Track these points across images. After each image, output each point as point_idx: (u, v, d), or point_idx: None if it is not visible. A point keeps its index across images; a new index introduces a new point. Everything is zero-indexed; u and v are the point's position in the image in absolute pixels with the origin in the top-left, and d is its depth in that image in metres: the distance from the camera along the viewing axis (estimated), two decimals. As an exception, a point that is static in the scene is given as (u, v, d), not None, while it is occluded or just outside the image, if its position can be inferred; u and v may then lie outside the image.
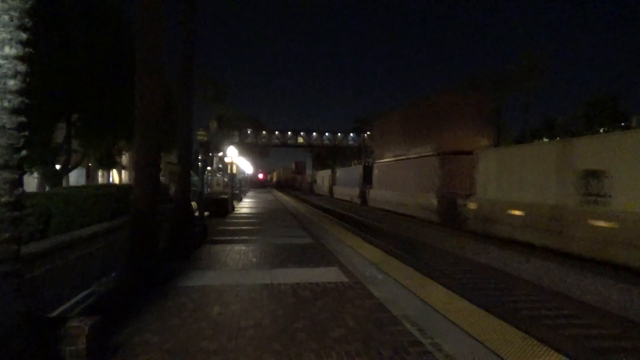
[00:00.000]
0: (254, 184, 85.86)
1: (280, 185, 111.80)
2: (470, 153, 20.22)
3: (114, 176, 32.07)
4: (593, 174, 12.40)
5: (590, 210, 12.32)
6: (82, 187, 13.48)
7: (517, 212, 15.38)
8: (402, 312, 5.70)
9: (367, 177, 37.04)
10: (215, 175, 52.54)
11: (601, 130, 35.17)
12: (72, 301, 7.72)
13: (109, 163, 17.76)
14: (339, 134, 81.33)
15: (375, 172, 34.75)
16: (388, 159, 32.28)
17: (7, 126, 3.25)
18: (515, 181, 15.88)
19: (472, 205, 18.65)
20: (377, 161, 34.95)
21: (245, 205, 29.02)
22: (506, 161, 16.88)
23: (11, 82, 3.27)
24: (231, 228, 15.72)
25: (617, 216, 11.35)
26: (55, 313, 6.95)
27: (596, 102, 36.69)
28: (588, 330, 7.45)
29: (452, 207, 20.28)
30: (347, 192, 43.94)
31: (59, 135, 14.41)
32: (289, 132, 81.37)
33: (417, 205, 24.90)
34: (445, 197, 21.16)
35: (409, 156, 27.60)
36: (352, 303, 6.13)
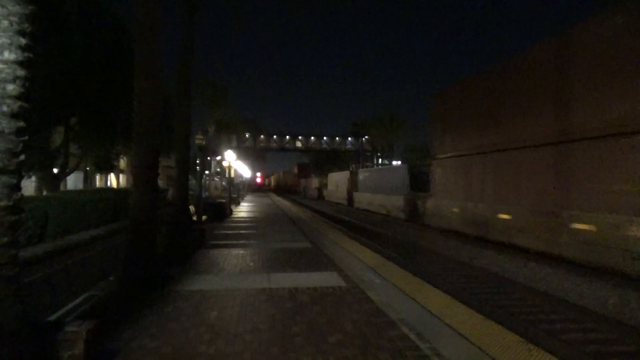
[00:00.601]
0: (252, 187, 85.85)
1: (280, 190, 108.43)
2: None
3: (112, 180, 32.06)
4: None
5: None
6: (80, 191, 13.49)
7: None
8: (399, 316, 5.70)
9: (418, 181, 25.69)
10: (213, 179, 52.58)
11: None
12: (70, 305, 7.72)
13: (107, 167, 17.77)
14: (337, 138, 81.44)
15: (438, 171, 20.83)
16: (468, 152, 17.91)
17: (6, 131, 3.26)
18: None
19: None
20: (441, 156, 20.57)
21: (244, 209, 29.00)
22: None
23: (10, 87, 3.29)
24: (229, 232, 15.71)
25: None
26: (53, 317, 6.95)
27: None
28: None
29: None
30: (378, 201, 31.26)
31: (57, 139, 14.43)
32: (287, 136, 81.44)
33: (570, 235, 11.58)
34: None
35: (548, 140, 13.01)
36: (350, 307, 6.13)
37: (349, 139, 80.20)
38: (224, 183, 43.64)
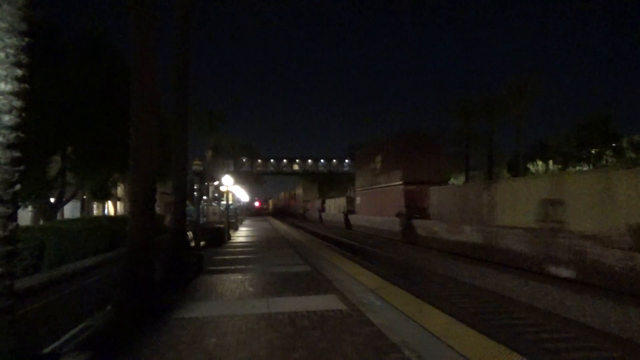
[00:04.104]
0: (250, 212, 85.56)
1: (283, 214, 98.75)
2: None
3: (109, 208, 31.95)
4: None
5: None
6: (77, 219, 13.42)
7: None
8: (401, 338, 5.63)
9: None
10: (211, 205, 52.45)
11: (593, 152, 35.39)
12: (67, 336, 7.60)
13: (104, 195, 17.72)
14: (334, 160, 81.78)
15: None
16: None
17: (2, 161, 3.27)
18: None
19: None
20: None
21: (242, 234, 28.87)
22: None
23: (6, 118, 3.31)
24: (228, 257, 15.60)
25: None
26: (49, 349, 6.83)
27: (587, 124, 37.07)
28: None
29: None
30: None
31: (54, 168, 14.43)
32: (284, 160, 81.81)
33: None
34: None
35: None
36: (351, 331, 6.05)
37: (346, 161, 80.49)
38: (222, 208, 43.44)
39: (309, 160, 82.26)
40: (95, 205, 28.72)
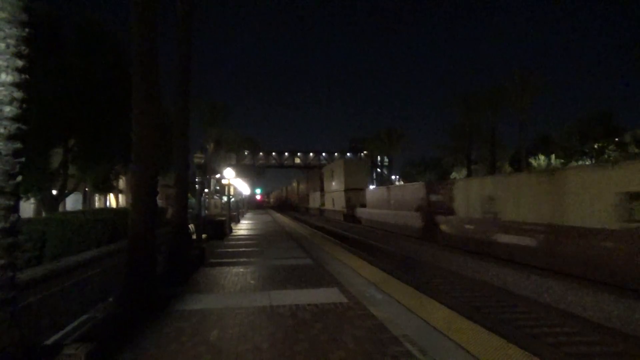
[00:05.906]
0: (252, 205, 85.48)
1: (294, 209, 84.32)
2: None
3: (111, 200, 32.00)
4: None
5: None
6: (79, 211, 13.43)
7: None
8: (402, 332, 5.63)
9: None
10: (213, 198, 52.45)
11: (595, 146, 35.26)
12: (69, 328, 7.62)
13: (106, 187, 17.71)
14: (336, 153, 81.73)
15: None
16: None
17: (3, 152, 3.26)
18: None
19: None
20: None
21: (244, 227, 28.89)
22: None
23: (7, 109, 3.29)
24: (229, 250, 15.62)
25: None
26: (51, 340, 6.85)
27: (590, 118, 36.93)
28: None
29: None
30: None
31: (56, 161, 14.42)
32: (286, 153, 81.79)
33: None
34: None
35: None
36: (352, 324, 6.05)
37: (348, 154, 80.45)
38: (223, 201, 43.41)
39: (311, 154, 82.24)
40: (97, 198, 28.79)
